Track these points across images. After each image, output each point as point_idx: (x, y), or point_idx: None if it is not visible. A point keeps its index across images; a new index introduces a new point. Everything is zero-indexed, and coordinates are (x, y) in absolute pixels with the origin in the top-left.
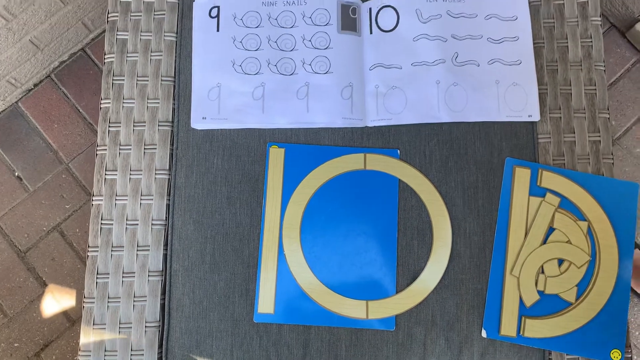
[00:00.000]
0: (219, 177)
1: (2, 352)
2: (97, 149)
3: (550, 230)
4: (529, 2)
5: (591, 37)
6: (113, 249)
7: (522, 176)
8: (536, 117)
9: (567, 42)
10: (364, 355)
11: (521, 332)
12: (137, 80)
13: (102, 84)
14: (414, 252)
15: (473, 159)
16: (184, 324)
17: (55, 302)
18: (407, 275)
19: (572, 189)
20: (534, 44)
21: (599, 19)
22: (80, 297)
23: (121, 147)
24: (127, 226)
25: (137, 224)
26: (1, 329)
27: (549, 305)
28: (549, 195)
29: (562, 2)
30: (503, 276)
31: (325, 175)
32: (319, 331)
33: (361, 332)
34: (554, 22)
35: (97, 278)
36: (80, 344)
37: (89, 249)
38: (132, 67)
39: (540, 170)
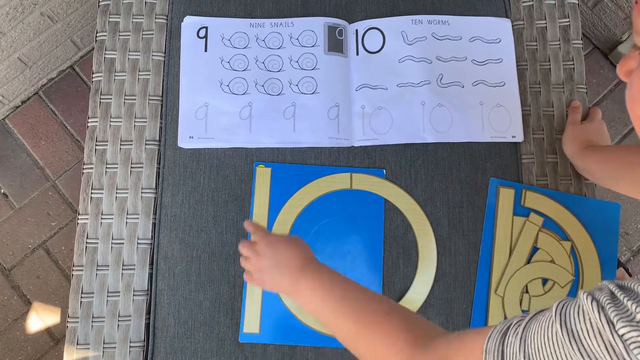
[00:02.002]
0: (205, 196)
1: None
2: (84, 167)
3: (534, 249)
4: (513, 25)
5: (573, 60)
6: (98, 268)
7: (506, 196)
8: (520, 138)
9: (550, 65)
10: None
11: None
12: (124, 99)
13: (89, 102)
14: (399, 272)
15: (458, 179)
16: (168, 343)
17: (40, 320)
18: (393, 294)
19: (556, 209)
20: (517, 66)
21: (581, 42)
22: (65, 316)
23: (108, 166)
24: (113, 245)
25: (123, 243)
26: None
27: None
28: (532, 215)
29: (544, 25)
30: (488, 295)
31: (312, 195)
32: (304, 351)
33: (347, 351)
34: (536, 45)
35: (81, 297)
36: None
37: (74, 268)
38: (119, 86)
39: (524, 190)
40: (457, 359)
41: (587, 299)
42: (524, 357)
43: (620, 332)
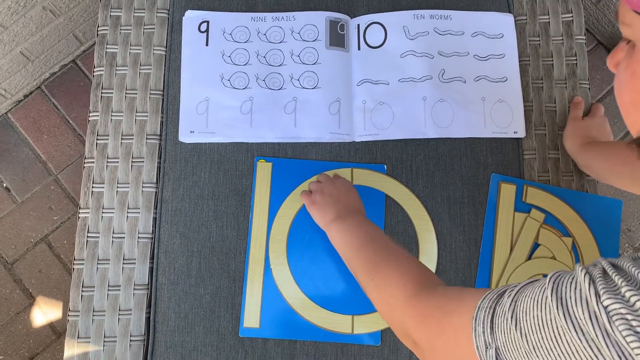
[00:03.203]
0: (206, 191)
1: None
2: (85, 161)
3: (535, 245)
4: (515, 20)
5: (576, 55)
6: (99, 262)
7: (507, 192)
8: (522, 134)
9: (552, 60)
10: None
11: None
12: (125, 93)
13: (90, 96)
14: None
15: (459, 175)
16: (169, 337)
17: (42, 314)
18: None
19: (557, 205)
20: (519, 61)
21: (584, 37)
22: (66, 310)
23: (109, 160)
24: (114, 239)
25: (124, 237)
26: None
27: None
28: (534, 211)
29: (547, 20)
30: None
31: None
32: (304, 346)
33: (347, 346)
34: (539, 40)
35: (82, 291)
36: (64, 357)
37: (75, 262)
38: (121, 80)
39: (525, 186)
40: (453, 308)
41: (581, 271)
42: (512, 317)
43: (605, 303)
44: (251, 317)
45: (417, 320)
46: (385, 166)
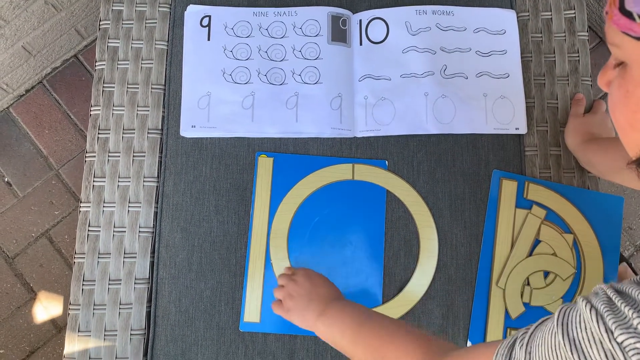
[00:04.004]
0: (207, 186)
1: None
2: (86, 155)
3: (536, 242)
4: (517, 16)
5: (578, 52)
6: (100, 256)
7: (508, 188)
8: (523, 130)
9: (555, 57)
10: None
11: None
12: (127, 87)
13: (92, 90)
14: (400, 263)
15: (460, 171)
16: (169, 332)
17: (43, 308)
18: (394, 285)
19: (558, 201)
20: (521, 57)
21: (586, 33)
22: (67, 304)
23: (110, 154)
24: (115, 233)
25: (125, 231)
26: None
27: (535, 317)
28: (535, 208)
29: (549, 16)
30: (489, 288)
31: (314, 185)
32: (304, 341)
33: None
34: (541, 37)
35: (83, 285)
36: (64, 351)
37: (76, 256)
38: (122, 74)
39: (526, 182)
40: None
41: (585, 307)
42: None
43: (619, 339)
44: (252, 311)
45: None
46: (386, 162)
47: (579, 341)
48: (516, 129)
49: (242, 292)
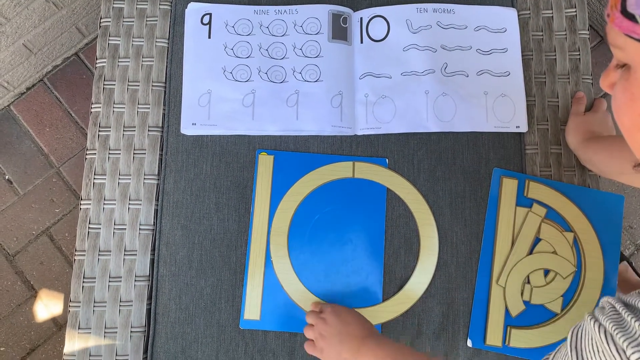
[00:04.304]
0: (207, 183)
1: None
2: (87, 153)
3: (537, 240)
4: (518, 15)
5: (579, 50)
6: (100, 253)
7: (509, 186)
8: (524, 128)
9: (555, 55)
10: None
11: (507, 342)
12: (128, 85)
13: (93, 88)
14: (400, 261)
15: (461, 169)
16: (169, 329)
17: (43, 306)
18: (394, 283)
19: (559, 200)
20: (522, 55)
21: (587, 32)
22: (67, 302)
23: (110, 152)
24: (115, 231)
25: (125, 229)
26: None
27: (535, 315)
28: (535, 206)
29: (550, 15)
30: (489, 286)
31: (314, 183)
32: (304, 338)
33: None
34: (542, 35)
35: (83, 282)
36: (65, 347)
37: (76, 253)
38: (123, 72)
39: (527, 181)
40: None
41: (594, 326)
42: None
43: (632, 358)
44: (252, 309)
45: None
46: (387, 160)
47: None
48: (517, 127)
49: (243, 289)
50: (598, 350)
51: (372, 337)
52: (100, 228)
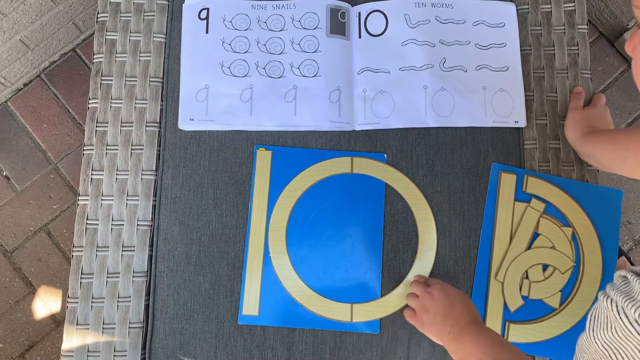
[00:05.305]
0: (205, 179)
1: None
2: (84, 148)
3: (535, 235)
4: (517, 9)
5: (578, 45)
6: (98, 249)
7: (507, 182)
8: (522, 123)
9: (554, 50)
10: (348, 359)
11: (505, 337)
12: (125, 80)
13: (90, 83)
14: (399, 256)
15: (459, 164)
16: (168, 325)
17: (41, 302)
18: (392, 278)
19: (557, 195)
20: (521, 50)
21: (586, 27)
22: (66, 298)
23: (108, 147)
24: (113, 226)
25: (123, 225)
26: None
27: (533, 310)
28: (534, 201)
29: (549, 9)
30: (487, 281)
31: (312, 179)
32: (303, 334)
33: (345, 335)
34: (541, 30)
35: (81, 278)
36: (63, 343)
37: (74, 249)
38: (120, 67)
39: (525, 176)
40: None
41: (606, 302)
42: None
43: None
44: (250, 304)
45: None
46: (385, 155)
47: (611, 342)
48: (515, 122)
49: (241, 285)
50: (612, 327)
51: (474, 324)
52: (98, 224)
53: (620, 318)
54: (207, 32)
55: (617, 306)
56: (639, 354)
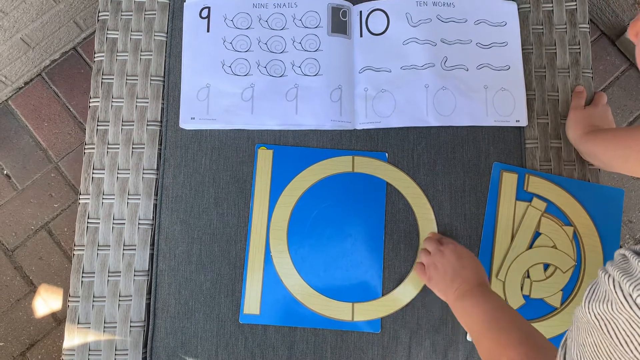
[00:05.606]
0: (206, 178)
1: None
2: (85, 147)
3: (537, 234)
4: (518, 8)
5: (579, 44)
6: (99, 248)
7: (509, 181)
8: (524, 122)
9: (556, 49)
10: (349, 358)
11: None
12: (126, 79)
13: (91, 82)
14: (400, 255)
15: (461, 163)
16: (169, 324)
17: (42, 301)
18: (394, 277)
19: (559, 194)
20: (522, 49)
21: (587, 26)
22: (66, 297)
23: (109, 146)
24: (114, 225)
25: (124, 224)
26: None
27: (534, 309)
28: (535, 200)
29: (551, 8)
30: (489, 280)
31: (313, 178)
32: (304, 333)
33: (346, 334)
34: (542, 29)
35: (82, 277)
36: (64, 342)
37: (75, 248)
38: (121, 66)
39: (527, 175)
40: None
41: (604, 277)
42: (576, 356)
43: (638, 301)
44: (251, 303)
45: None
46: (386, 154)
47: (604, 315)
48: (517, 121)
49: (242, 284)
50: (607, 299)
51: (481, 287)
52: (99, 223)
53: (616, 292)
54: (208, 30)
55: (614, 281)
56: (629, 327)
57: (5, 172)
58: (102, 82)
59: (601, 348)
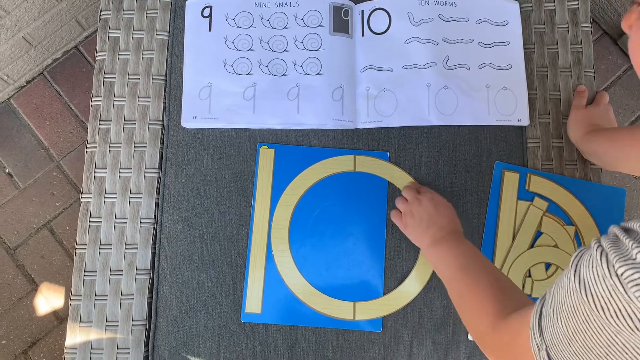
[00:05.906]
0: (208, 177)
1: None
2: (87, 146)
3: (538, 234)
4: (520, 7)
5: (581, 43)
6: (101, 246)
7: (510, 180)
8: (526, 122)
9: (558, 48)
10: (350, 357)
11: None
12: (128, 78)
13: (93, 81)
14: (402, 254)
15: (462, 162)
16: (170, 322)
17: (44, 299)
18: (395, 277)
19: (560, 193)
20: (524, 48)
21: (589, 25)
22: (69, 295)
23: (111, 145)
24: (116, 224)
25: (126, 222)
26: None
27: None
28: (537, 200)
29: (553, 7)
30: None
31: (315, 177)
32: (305, 332)
33: (348, 333)
34: (544, 28)
35: (84, 275)
36: (66, 341)
37: (77, 246)
38: (123, 65)
39: (529, 174)
40: (520, 329)
41: (594, 247)
42: (552, 313)
43: (619, 271)
44: (253, 302)
45: (495, 355)
46: (388, 153)
47: (587, 280)
48: (518, 120)
49: (244, 283)
50: (593, 267)
51: (455, 234)
52: (101, 221)
53: (600, 261)
54: (210, 29)
55: (602, 251)
56: (608, 295)
57: (7, 170)
58: (104, 81)
59: (579, 310)
